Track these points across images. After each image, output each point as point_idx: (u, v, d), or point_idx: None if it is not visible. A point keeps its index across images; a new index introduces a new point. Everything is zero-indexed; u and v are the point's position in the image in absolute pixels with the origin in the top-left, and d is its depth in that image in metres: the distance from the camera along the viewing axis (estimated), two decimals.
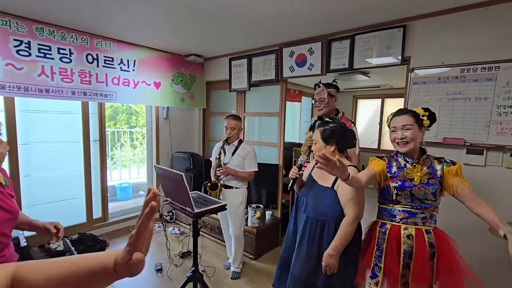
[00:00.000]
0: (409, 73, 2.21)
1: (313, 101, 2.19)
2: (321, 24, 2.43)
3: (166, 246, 2.36)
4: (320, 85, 2.12)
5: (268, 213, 3.24)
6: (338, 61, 2.59)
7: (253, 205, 3.07)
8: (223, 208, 1.97)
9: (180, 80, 3.72)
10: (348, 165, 1.59)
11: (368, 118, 6.40)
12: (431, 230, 1.45)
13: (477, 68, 1.93)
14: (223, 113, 3.89)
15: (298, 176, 1.75)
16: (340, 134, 1.63)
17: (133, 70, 3.23)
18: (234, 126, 2.48)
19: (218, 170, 2.41)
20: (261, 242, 3.03)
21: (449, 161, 1.46)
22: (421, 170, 1.44)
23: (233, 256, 2.64)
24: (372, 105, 6.29)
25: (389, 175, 1.51)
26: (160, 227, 3.60)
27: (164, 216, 3.87)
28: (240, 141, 2.57)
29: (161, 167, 1.94)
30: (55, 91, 2.65)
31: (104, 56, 2.97)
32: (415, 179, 1.43)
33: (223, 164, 2.47)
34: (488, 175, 1.94)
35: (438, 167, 1.45)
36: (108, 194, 3.49)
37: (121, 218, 3.53)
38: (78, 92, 2.80)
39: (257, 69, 3.27)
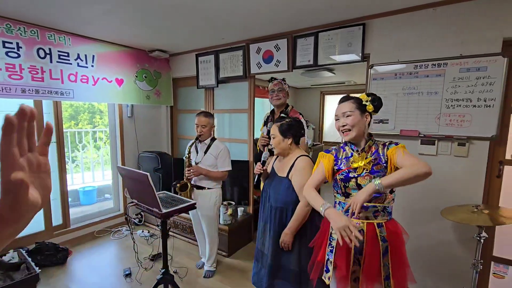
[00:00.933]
0: (369, 70, 2.32)
1: (270, 93, 2.37)
2: (286, 21, 2.47)
3: (134, 249, 2.27)
4: (276, 78, 2.35)
5: (240, 210, 3.25)
6: (304, 58, 2.65)
7: (225, 203, 3.06)
8: (192, 207, 1.94)
9: (145, 76, 3.57)
10: (302, 155, 1.75)
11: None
12: (383, 223, 1.37)
13: (428, 65, 2.08)
14: (191, 111, 3.81)
15: (262, 171, 1.87)
16: (296, 128, 1.77)
17: (92, 66, 3.03)
18: (205, 124, 2.40)
19: (188, 170, 2.34)
20: (234, 239, 3.03)
21: (393, 143, 1.37)
22: (366, 158, 1.37)
23: (207, 255, 2.61)
24: (338, 100, 6.53)
25: (335, 168, 1.45)
26: (128, 230, 3.45)
27: (132, 219, 3.72)
28: (213, 139, 2.49)
29: (125, 167, 1.86)
30: (1, 89, 2.41)
31: (58, 51, 2.75)
32: (359, 168, 1.37)
33: (195, 163, 2.40)
34: (440, 163, 2.11)
35: (384, 151, 1.37)
36: (69, 199, 3.28)
37: (85, 224, 3.34)
38: (29, 90, 2.58)
39: (224, 65, 3.23)
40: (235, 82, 3.33)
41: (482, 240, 1.80)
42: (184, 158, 2.52)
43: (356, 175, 1.37)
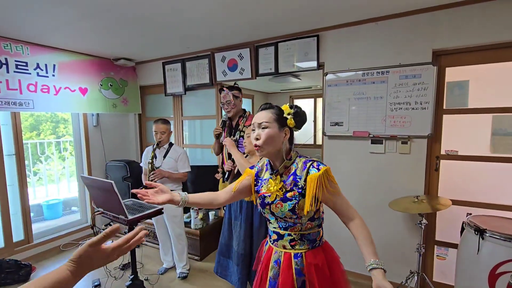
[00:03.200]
0: (324, 77, 2.53)
1: (221, 105, 2.40)
2: (248, 32, 2.61)
3: None
4: (224, 89, 2.35)
5: (211, 213, 3.32)
6: (266, 66, 2.81)
7: (195, 207, 3.12)
8: (159, 212, 1.99)
9: (110, 85, 3.54)
10: None
11: None
12: (302, 254, 1.16)
13: (373, 72, 2.32)
14: (165, 118, 3.82)
15: (233, 168, 2.05)
16: None
17: (53, 75, 2.97)
18: (164, 130, 2.53)
19: (152, 174, 2.41)
20: (206, 243, 3.09)
21: (315, 165, 1.12)
22: (279, 183, 1.16)
23: (177, 258, 2.66)
24: (306, 104, 6.83)
25: (255, 188, 1.26)
26: None
27: (101, 230, 3.63)
28: (171, 144, 2.61)
29: (89, 177, 1.88)
30: None
31: (16, 61, 2.68)
32: (272, 194, 1.16)
33: (156, 168, 2.47)
34: (387, 160, 2.35)
35: (302, 174, 1.13)
36: (32, 214, 3.15)
37: (49, 238, 3.22)
38: None
39: (191, 73, 3.31)
40: (203, 89, 3.42)
41: (423, 226, 2.05)
42: (143, 164, 2.62)
43: (270, 202, 1.16)
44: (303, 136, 6.89)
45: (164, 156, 2.53)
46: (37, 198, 4.33)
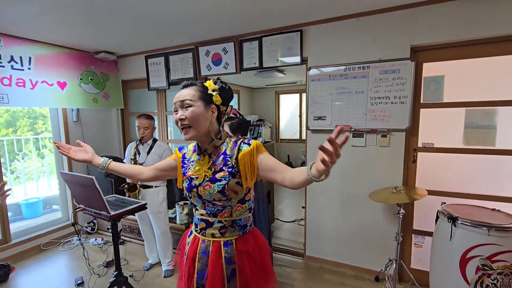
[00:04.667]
0: (307, 72, 2.56)
1: None
2: (232, 26, 2.60)
3: (84, 255, 2.22)
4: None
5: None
6: (250, 60, 2.81)
7: (181, 203, 3.11)
8: (143, 207, 1.98)
9: (91, 79, 3.44)
10: None
11: (290, 111, 6.99)
12: (233, 241, 1.10)
13: (355, 68, 2.37)
14: (148, 114, 3.76)
15: None
16: (244, 127, 1.91)
17: (29, 68, 2.86)
18: (147, 126, 2.49)
19: None
20: None
21: (246, 141, 1.08)
22: (208, 163, 1.10)
23: (162, 254, 2.65)
24: (292, 99, 6.89)
25: (182, 171, 1.19)
26: (80, 240, 3.30)
27: (84, 228, 3.56)
28: (155, 140, 2.58)
29: (68, 173, 1.83)
30: None
31: None
32: (200, 175, 1.09)
33: (139, 164, 2.44)
34: (368, 153, 2.42)
35: (233, 152, 1.07)
36: (10, 213, 3.04)
37: (29, 237, 3.12)
38: None
39: (175, 67, 3.27)
40: None
41: (401, 216, 2.14)
42: (127, 160, 2.58)
43: (197, 184, 1.08)
44: (289, 131, 6.96)
45: (148, 152, 2.50)
46: (15, 197, 4.17)
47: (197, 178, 1.10)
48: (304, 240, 2.84)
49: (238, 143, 1.09)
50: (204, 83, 1.10)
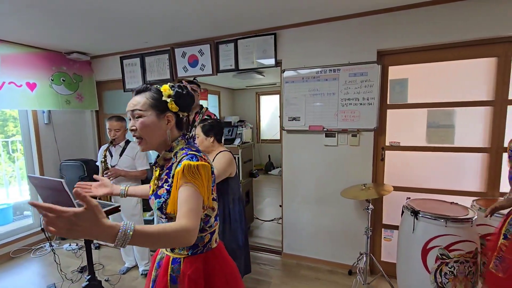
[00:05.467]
0: (282, 74, 2.64)
1: None
2: (208, 28, 2.62)
3: (55, 261, 2.17)
4: (183, 81, 2.41)
5: None
6: (226, 62, 2.85)
7: None
8: (116, 210, 1.96)
9: (63, 80, 3.34)
10: (223, 151, 1.96)
11: (270, 112, 7.08)
12: (181, 260, 1.02)
13: (326, 70, 2.47)
14: (120, 115, 3.69)
15: None
16: (217, 128, 1.93)
17: None
18: (119, 128, 2.46)
19: (106, 173, 2.34)
20: None
21: (185, 158, 0.95)
22: (157, 176, 1.05)
23: (139, 256, 2.63)
24: (272, 100, 6.99)
25: None
26: (51, 246, 3.19)
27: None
28: (127, 142, 2.55)
29: (37, 176, 1.79)
30: None
31: None
32: (151, 187, 1.06)
33: (111, 166, 2.41)
34: (340, 152, 2.53)
35: (175, 168, 0.96)
36: None
37: None
38: None
39: (151, 68, 3.24)
40: None
41: (370, 211, 2.25)
42: (98, 163, 2.52)
43: (149, 196, 1.06)
44: (270, 131, 7.05)
45: (120, 154, 2.47)
46: None
47: (150, 188, 1.07)
48: (282, 238, 2.91)
49: (183, 158, 0.95)
50: (160, 88, 1.00)
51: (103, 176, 2.38)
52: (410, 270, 1.94)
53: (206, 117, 2.29)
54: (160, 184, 1.01)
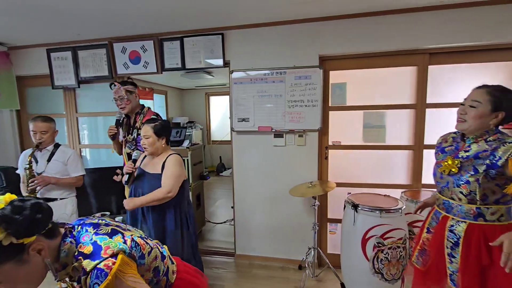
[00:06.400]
0: (230, 75, 2.62)
1: (113, 101, 2.24)
2: (150, 23, 2.46)
3: None
4: (116, 83, 2.20)
5: (119, 219, 3.03)
6: (172, 61, 2.72)
7: (97, 215, 2.80)
8: None
9: None
10: (173, 153, 1.87)
11: (221, 112, 7.01)
12: None
13: (273, 72, 2.53)
14: (47, 115, 3.25)
15: (134, 170, 1.91)
16: (168, 128, 1.85)
17: None
18: (46, 129, 2.15)
19: (32, 182, 2.03)
20: None
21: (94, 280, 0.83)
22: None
23: None
24: (222, 100, 6.93)
25: None
26: None
27: None
28: (57, 145, 2.25)
29: None
30: None
31: None
32: None
33: (37, 174, 2.10)
34: (288, 152, 2.62)
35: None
36: None
37: None
38: None
39: (86, 63, 2.92)
40: (102, 83, 3.06)
41: (316, 207, 2.37)
42: (21, 171, 2.16)
43: None
44: (220, 132, 6.98)
45: (49, 160, 2.15)
46: None
47: None
48: (234, 239, 2.89)
49: (87, 275, 0.78)
50: None
51: (28, 185, 2.04)
52: (352, 259, 2.10)
53: (153, 116, 2.14)
54: None
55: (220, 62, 2.62)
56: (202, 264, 2.15)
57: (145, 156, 1.95)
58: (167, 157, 1.85)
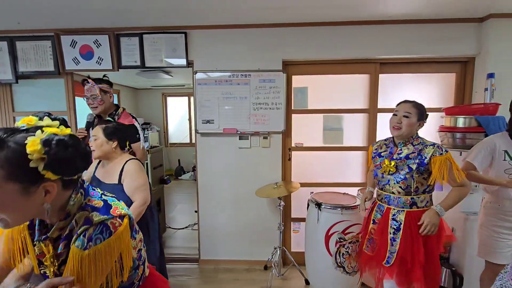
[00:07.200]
0: (194, 75, 2.56)
1: (84, 99, 2.05)
2: (104, 17, 2.28)
3: None
4: (89, 80, 2.01)
5: None
6: (130, 58, 2.55)
7: None
8: None
9: None
10: (130, 159, 1.71)
11: (179, 114, 6.77)
12: None
13: (238, 75, 2.54)
14: None
15: (85, 134, 1.91)
16: (122, 132, 1.71)
17: None
18: None
19: None
20: None
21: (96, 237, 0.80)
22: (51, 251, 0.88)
23: None
24: (181, 102, 6.70)
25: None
26: None
27: None
28: None
29: None
30: None
31: None
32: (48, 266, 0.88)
33: None
34: (253, 153, 2.64)
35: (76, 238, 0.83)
36: None
37: None
38: None
39: (26, 56, 2.58)
40: (46, 79, 2.74)
41: (281, 207, 2.43)
42: None
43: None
44: (179, 135, 6.73)
45: None
46: None
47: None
48: (198, 244, 2.81)
49: (89, 234, 0.73)
50: (25, 142, 0.64)
51: None
52: (316, 256, 2.20)
53: (108, 118, 1.98)
54: (60, 261, 0.77)
55: (183, 61, 2.54)
56: (167, 276, 2.06)
57: (98, 163, 1.78)
58: (124, 164, 1.69)
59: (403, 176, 1.57)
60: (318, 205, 2.16)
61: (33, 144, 0.63)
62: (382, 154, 1.71)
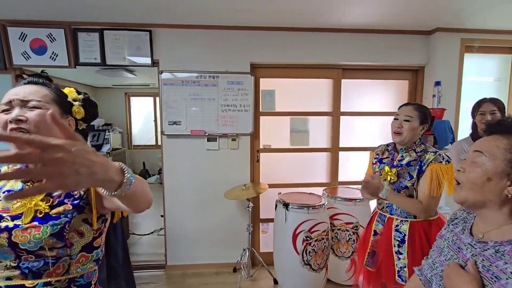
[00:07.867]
0: (159, 75, 2.48)
1: None
2: (61, 7, 2.11)
3: None
4: (24, 76, 1.86)
5: None
6: (89, 54, 2.40)
7: None
8: None
9: None
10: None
11: (143, 115, 6.48)
12: None
13: (206, 76, 2.51)
14: None
15: None
16: (83, 134, 1.60)
17: None
18: None
19: None
20: None
21: None
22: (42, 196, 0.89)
23: None
24: (145, 102, 6.42)
25: None
26: None
27: None
28: None
29: None
30: None
31: None
32: (25, 213, 0.80)
33: None
34: (221, 155, 2.63)
35: None
36: None
37: None
38: None
39: None
40: None
41: (250, 209, 2.45)
42: None
43: (15, 226, 0.83)
44: (143, 136, 6.44)
45: None
46: None
47: (18, 217, 0.74)
48: (165, 250, 2.71)
49: None
50: (62, 89, 0.89)
51: None
52: (284, 255, 2.25)
53: None
54: (56, 203, 0.77)
55: (147, 60, 2.45)
56: (135, 285, 1.95)
57: None
58: None
59: (404, 185, 1.44)
60: (286, 205, 2.21)
61: (70, 90, 0.93)
62: (384, 160, 1.57)
